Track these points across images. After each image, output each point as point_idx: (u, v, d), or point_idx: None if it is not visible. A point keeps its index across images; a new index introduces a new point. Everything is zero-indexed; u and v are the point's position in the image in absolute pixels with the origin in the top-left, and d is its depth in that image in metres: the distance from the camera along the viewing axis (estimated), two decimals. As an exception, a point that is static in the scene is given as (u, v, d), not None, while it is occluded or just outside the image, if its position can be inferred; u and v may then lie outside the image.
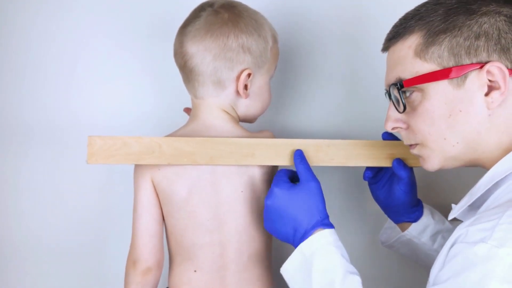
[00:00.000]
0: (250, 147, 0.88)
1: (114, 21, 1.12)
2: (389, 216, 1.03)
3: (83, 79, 1.12)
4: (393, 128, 0.83)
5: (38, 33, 1.11)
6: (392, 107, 0.82)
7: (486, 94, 0.74)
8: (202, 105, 0.91)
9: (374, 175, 0.99)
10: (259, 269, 0.93)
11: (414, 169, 0.96)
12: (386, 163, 0.93)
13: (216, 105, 0.91)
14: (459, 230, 0.69)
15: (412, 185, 0.95)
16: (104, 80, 1.12)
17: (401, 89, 0.79)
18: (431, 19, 0.77)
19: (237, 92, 0.90)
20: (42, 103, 1.11)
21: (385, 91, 0.83)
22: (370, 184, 1.02)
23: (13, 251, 1.12)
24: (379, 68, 0.87)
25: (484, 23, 0.74)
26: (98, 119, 1.12)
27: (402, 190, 0.95)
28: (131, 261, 0.90)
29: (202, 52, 0.87)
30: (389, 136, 0.96)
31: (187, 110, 1.01)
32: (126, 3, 1.12)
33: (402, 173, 0.92)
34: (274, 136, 0.96)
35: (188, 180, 0.89)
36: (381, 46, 0.85)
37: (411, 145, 0.83)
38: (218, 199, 0.90)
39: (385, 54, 0.85)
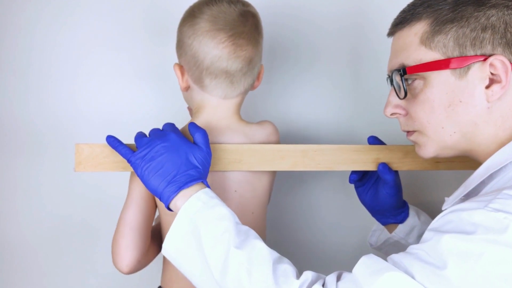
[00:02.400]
0: (238, 153, 0.89)
1: (115, 22, 1.11)
2: (376, 218, 1.04)
3: (84, 80, 1.12)
4: (391, 114, 0.83)
5: (37, 36, 1.10)
6: (393, 93, 0.82)
7: (487, 87, 0.74)
8: (221, 104, 0.91)
9: (360, 179, 1.00)
10: None
11: (399, 172, 0.97)
12: (371, 167, 0.94)
13: (237, 103, 0.92)
14: (452, 207, 0.70)
15: (397, 188, 0.96)
16: (104, 82, 1.12)
17: (404, 76, 0.78)
18: (440, 7, 0.76)
19: (252, 87, 0.94)
20: (42, 105, 1.11)
21: (387, 76, 0.84)
22: (356, 187, 1.03)
23: (10, 251, 1.12)
24: (381, 59, 0.86)
25: (492, 15, 0.74)
26: (99, 120, 1.12)
27: (387, 193, 0.96)
28: (112, 252, 0.89)
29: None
30: (374, 141, 0.97)
31: (190, 110, 1.01)
32: (127, 4, 1.11)
33: (388, 177, 0.93)
34: (275, 126, 0.97)
35: None
36: (383, 37, 0.85)
37: (408, 132, 0.84)
38: None
39: (387, 45, 0.85)
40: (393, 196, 0.97)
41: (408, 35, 0.79)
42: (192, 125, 0.85)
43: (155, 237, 0.94)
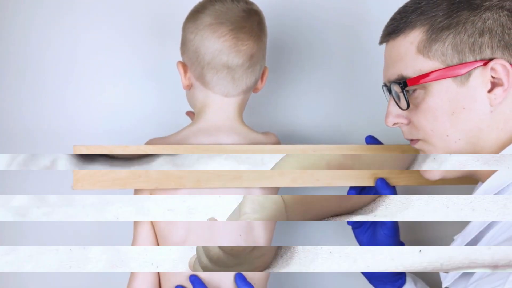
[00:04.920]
0: (237, 170, 0.89)
1: (114, 22, 1.13)
2: (373, 285, 1.00)
3: (83, 81, 1.12)
4: (394, 124, 0.83)
5: (37, 36, 1.12)
6: (393, 102, 0.81)
7: (489, 91, 0.74)
8: (224, 103, 0.92)
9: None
10: None
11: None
12: (369, 182, 0.94)
13: (239, 102, 0.93)
14: None
15: (395, 229, 0.95)
16: (105, 83, 1.12)
17: (405, 88, 0.77)
18: (434, 14, 0.75)
19: (256, 89, 0.95)
20: (41, 106, 1.10)
21: (384, 85, 0.83)
22: (354, 228, 1.01)
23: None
24: (378, 65, 0.86)
25: (488, 19, 0.73)
26: (99, 122, 1.11)
27: (385, 234, 0.95)
28: None
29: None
30: (372, 140, 0.97)
31: (190, 114, 1.02)
32: (127, 3, 1.14)
33: (386, 193, 0.92)
34: (278, 138, 0.97)
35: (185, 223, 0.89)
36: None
37: (412, 140, 0.83)
38: (213, 242, 0.89)
39: (382, 49, 0.85)
40: (391, 237, 0.95)
41: (403, 44, 0.78)
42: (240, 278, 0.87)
43: None
